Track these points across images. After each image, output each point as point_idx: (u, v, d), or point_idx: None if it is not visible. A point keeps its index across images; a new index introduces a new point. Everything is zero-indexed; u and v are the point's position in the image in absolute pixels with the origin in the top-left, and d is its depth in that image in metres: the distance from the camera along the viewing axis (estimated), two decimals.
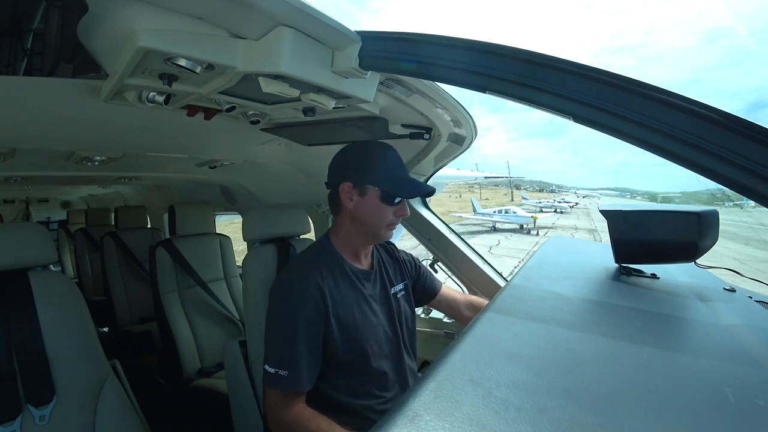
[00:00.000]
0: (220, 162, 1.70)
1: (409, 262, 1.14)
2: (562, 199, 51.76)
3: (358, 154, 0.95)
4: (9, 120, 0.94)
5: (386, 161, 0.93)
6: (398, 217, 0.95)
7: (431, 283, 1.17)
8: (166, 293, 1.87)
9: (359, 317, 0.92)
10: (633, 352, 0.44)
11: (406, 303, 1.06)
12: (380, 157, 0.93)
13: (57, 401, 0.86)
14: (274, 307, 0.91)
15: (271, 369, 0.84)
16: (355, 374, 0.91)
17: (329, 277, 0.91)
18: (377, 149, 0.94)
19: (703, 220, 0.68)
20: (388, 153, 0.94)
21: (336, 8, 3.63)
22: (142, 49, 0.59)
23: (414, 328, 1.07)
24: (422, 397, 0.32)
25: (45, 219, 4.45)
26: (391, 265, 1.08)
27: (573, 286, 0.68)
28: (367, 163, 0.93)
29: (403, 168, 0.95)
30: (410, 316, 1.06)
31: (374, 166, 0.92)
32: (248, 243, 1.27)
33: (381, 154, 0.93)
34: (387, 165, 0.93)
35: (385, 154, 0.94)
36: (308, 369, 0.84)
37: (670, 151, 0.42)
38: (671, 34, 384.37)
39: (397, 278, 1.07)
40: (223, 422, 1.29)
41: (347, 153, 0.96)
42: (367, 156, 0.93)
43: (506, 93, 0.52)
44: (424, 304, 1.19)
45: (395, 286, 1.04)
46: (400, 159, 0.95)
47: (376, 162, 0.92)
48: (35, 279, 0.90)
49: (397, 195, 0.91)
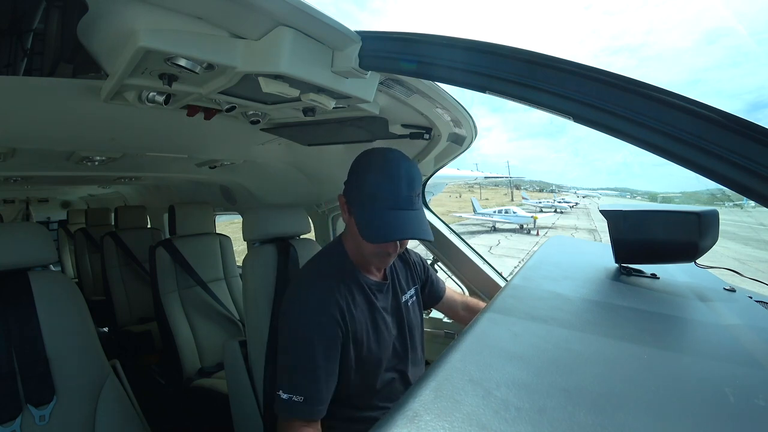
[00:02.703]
0: (220, 162, 1.70)
1: (419, 265, 1.09)
2: (562, 199, 51.76)
3: (363, 166, 0.84)
4: (9, 120, 0.94)
5: (377, 188, 0.79)
6: (386, 252, 0.85)
7: (437, 287, 1.14)
8: (166, 293, 1.87)
9: (373, 335, 0.87)
10: (633, 352, 0.44)
11: (417, 308, 1.02)
12: (374, 181, 0.80)
13: (57, 401, 0.86)
14: (291, 329, 0.82)
15: (286, 395, 0.76)
16: (362, 389, 0.88)
17: (346, 292, 0.85)
18: (378, 169, 0.81)
19: (703, 220, 0.68)
20: (386, 177, 0.79)
21: (336, 9, 3.62)
22: (142, 49, 0.59)
23: (422, 335, 1.03)
24: (422, 397, 0.32)
25: (45, 219, 4.45)
26: (402, 271, 1.03)
27: (573, 286, 0.68)
28: (360, 182, 0.83)
29: (396, 200, 0.79)
30: (420, 322, 1.02)
31: (362, 189, 0.82)
32: (248, 243, 1.27)
33: (378, 176, 0.80)
34: (373, 193, 0.80)
35: (381, 177, 0.80)
36: (327, 394, 0.79)
37: (670, 151, 0.42)
38: (671, 35, 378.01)
39: (408, 284, 1.02)
40: (223, 422, 1.29)
41: (359, 159, 0.87)
42: (365, 176, 0.82)
43: (506, 93, 0.52)
44: (428, 308, 1.17)
45: (406, 294, 1.00)
46: (397, 188, 0.79)
47: (366, 184, 0.81)
48: (35, 279, 0.90)
49: (363, 237, 0.80)
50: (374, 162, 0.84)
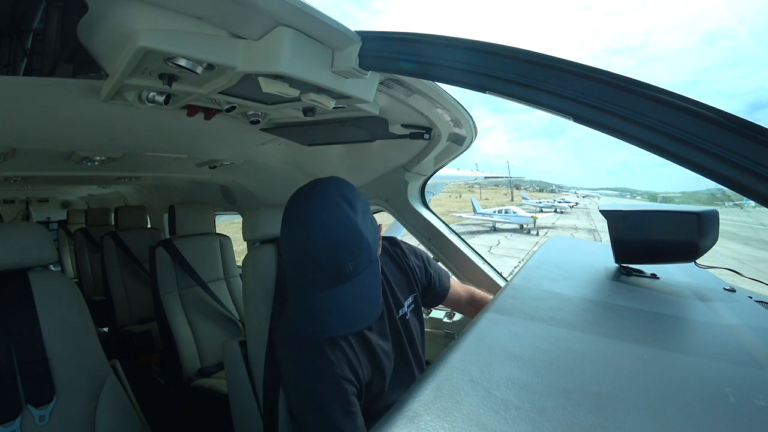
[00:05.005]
0: (220, 162, 1.70)
1: (419, 268, 1.01)
2: (562, 199, 51.72)
3: (283, 218, 0.67)
4: (9, 120, 0.94)
5: (289, 257, 0.62)
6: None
7: (441, 286, 1.06)
8: (166, 293, 1.87)
9: (376, 371, 0.82)
10: (633, 352, 0.44)
11: (415, 317, 0.96)
12: (285, 247, 0.62)
13: (57, 401, 0.86)
14: (307, 399, 0.72)
15: None
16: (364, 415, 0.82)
17: (344, 344, 0.76)
18: (289, 232, 0.63)
19: (703, 220, 0.68)
20: (297, 241, 0.61)
21: (337, 9, 3.60)
22: (142, 49, 0.59)
23: (423, 340, 0.98)
24: (422, 397, 0.32)
25: (45, 219, 4.45)
26: (397, 280, 0.94)
27: (573, 286, 0.68)
28: (281, 244, 0.67)
29: (317, 275, 0.61)
30: (419, 330, 0.96)
31: (283, 253, 0.68)
32: (248, 243, 1.27)
33: (289, 241, 0.62)
34: (290, 263, 0.64)
35: (293, 242, 0.61)
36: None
37: (670, 151, 0.42)
38: (670, 36, 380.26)
39: (405, 294, 0.94)
40: (223, 422, 1.29)
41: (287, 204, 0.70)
42: (282, 237, 0.65)
43: (506, 93, 0.52)
44: (432, 306, 1.11)
45: (403, 306, 0.92)
46: (314, 259, 0.61)
47: (282, 249, 0.65)
48: (35, 279, 0.90)
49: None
50: (287, 215, 0.66)
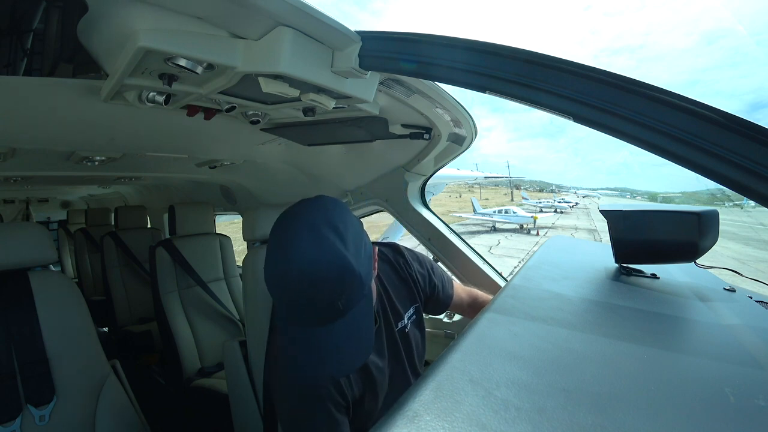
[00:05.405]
0: (220, 162, 1.70)
1: (423, 277, 0.96)
2: (562, 199, 51.71)
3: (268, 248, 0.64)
4: (9, 120, 0.94)
5: (272, 294, 0.60)
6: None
7: (445, 293, 1.01)
8: (166, 293, 1.88)
9: (368, 389, 0.79)
10: (633, 352, 0.44)
11: (416, 328, 0.92)
12: (269, 281, 0.60)
13: (57, 401, 0.86)
14: (294, 418, 0.71)
15: None
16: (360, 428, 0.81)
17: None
18: (271, 262, 0.60)
19: (703, 220, 0.68)
20: (278, 278, 0.58)
21: (337, 9, 3.59)
22: (142, 49, 0.59)
23: (423, 348, 0.94)
24: (422, 397, 0.32)
25: (45, 219, 4.45)
26: (397, 292, 0.89)
27: (573, 286, 0.68)
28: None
29: (299, 315, 0.59)
30: (420, 340, 0.92)
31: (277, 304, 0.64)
32: (248, 243, 1.27)
33: (271, 278, 0.60)
34: (274, 299, 0.62)
35: (274, 278, 0.58)
36: None
37: (670, 151, 0.42)
38: (670, 36, 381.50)
39: (405, 305, 0.90)
40: (223, 422, 1.29)
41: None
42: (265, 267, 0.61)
43: (506, 93, 0.52)
44: (435, 314, 1.09)
45: (403, 319, 0.88)
46: (293, 299, 0.58)
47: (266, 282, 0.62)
48: (35, 279, 0.90)
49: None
50: (270, 248, 0.62)
